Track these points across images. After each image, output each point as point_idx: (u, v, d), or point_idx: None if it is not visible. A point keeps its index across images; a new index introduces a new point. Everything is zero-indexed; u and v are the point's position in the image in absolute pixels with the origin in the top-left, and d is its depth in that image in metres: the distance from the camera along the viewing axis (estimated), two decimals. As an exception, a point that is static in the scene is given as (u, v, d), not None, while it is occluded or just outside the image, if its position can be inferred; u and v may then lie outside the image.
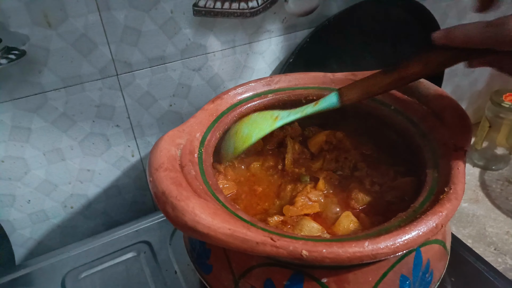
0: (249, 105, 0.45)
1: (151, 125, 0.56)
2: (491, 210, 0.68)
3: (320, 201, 0.40)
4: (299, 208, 0.38)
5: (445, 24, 0.71)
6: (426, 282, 0.33)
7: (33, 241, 0.57)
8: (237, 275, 0.33)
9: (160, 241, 0.52)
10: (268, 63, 0.60)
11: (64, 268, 0.49)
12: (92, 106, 0.51)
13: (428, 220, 0.29)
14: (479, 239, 0.63)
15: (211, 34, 0.53)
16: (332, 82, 0.47)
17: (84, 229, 0.59)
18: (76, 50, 0.47)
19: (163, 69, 0.52)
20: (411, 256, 0.32)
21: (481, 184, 0.74)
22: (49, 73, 0.47)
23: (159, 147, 0.34)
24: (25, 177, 0.51)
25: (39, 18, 0.44)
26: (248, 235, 0.28)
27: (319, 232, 0.36)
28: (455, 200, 0.31)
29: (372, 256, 0.27)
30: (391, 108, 0.44)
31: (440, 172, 0.35)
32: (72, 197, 0.56)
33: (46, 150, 0.51)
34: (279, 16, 0.56)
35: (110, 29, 0.47)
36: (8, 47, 0.43)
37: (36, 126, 0.49)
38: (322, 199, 0.40)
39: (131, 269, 0.49)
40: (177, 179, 0.31)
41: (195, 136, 0.38)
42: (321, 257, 0.27)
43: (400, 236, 0.28)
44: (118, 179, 0.58)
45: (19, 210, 0.53)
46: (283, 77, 0.47)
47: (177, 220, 0.28)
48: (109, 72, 0.50)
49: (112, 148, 0.55)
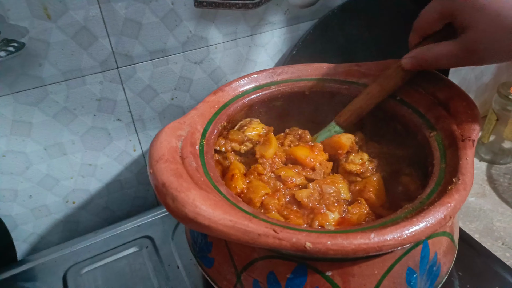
0: (252, 97, 0.44)
1: (153, 119, 0.55)
2: (499, 204, 0.67)
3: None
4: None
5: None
6: (433, 276, 0.32)
7: (35, 236, 0.56)
8: (239, 268, 0.32)
9: (163, 236, 0.52)
10: (271, 56, 0.59)
11: (66, 263, 0.49)
12: (93, 99, 0.50)
13: (436, 211, 0.28)
14: (487, 233, 0.62)
15: (212, 26, 0.52)
16: (336, 73, 0.46)
17: (86, 224, 0.59)
18: (76, 43, 0.46)
19: (164, 62, 0.52)
20: (418, 248, 0.31)
21: (488, 178, 0.73)
22: (50, 66, 0.46)
23: (159, 139, 0.34)
24: (26, 172, 0.51)
25: (38, 11, 0.43)
26: (250, 227, 0.27)
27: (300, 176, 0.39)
28: (464, 191, 0.30)
29: (378, 248, 0.26)
30: (396, 99, 0.43)
31: (448, 162, 0.34)
32: (74, 192, 0.56)
33: (47, 145, 0.51)
34: (282, 8, 0.55)
35: (110, 22, 0.47)
36: (7, 40, 0.43)
37: (37, 120, 0.49)
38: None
39: (134, 264, 0.49)
40: (177, 170, 0.31)
41: (197, 128, 0.38)
42: (325, 249, 0.26)
43: (407, 228, 0.27)
44: (120, 173, 0.57)
45: (21, 205, 0.53)
46: (286, 68, 0.47)
47: (178, 212, 0.28)
48: (109, 65, 0.49)
49: (114, 143, 0.55)
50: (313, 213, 0.36)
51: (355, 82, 0.45)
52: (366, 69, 0.45)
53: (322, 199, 0.37)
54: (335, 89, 0.45)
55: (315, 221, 0.35)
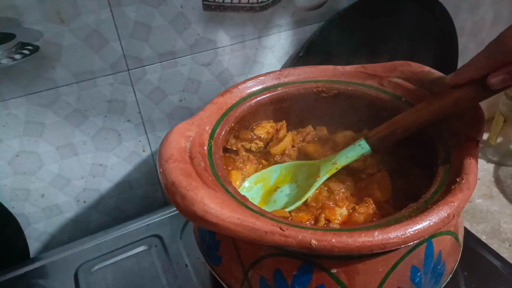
0: (259, 99, 0.45)
1: (162, 120, 0.56)
2: (506, 206, 0.67)
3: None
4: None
5: (458, 17, 0.70)
6: (437, 274, 0.32)
7: (47, 235, 0.58)
8: (246, 266, 0.33)
9: (171, 235, 0.53)
10: (278, 58, 0.60)
11: (77, 261, 0.50)
12: (103, 101, 0.52)
13: (440, 210, 0.29)
14: (494, 235, 0.62)
15: (220, 29, 0.53)
16: (342, 75, 0.47)
17: (96, 223, 0.60)
18: (88, 45, 0.47)
19: (173, 64, 0.53)
20: (422, 246, 0.31)
21: (495, 180, 0.73)
22: (62, 69, 0.47)
23: (168, 139, 0.35)
24: (39, 172, 0.52)
25: (52, 15, 0.44)
26: (257, 225, 0.28)
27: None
28: (467, 190, 0.30)
29: (382, 246, 0.27)
30: (402, 100, 0.43)
31: (452, 163, 0.34)
32: (85, 192, 0.57)
33: (59, 145, 0.52)
34: (288, 10, 0.56)
35: (121, 25, 0.48)
36: (22, 43, 0.44)
37: (49, 121, 0.50)
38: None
39: (143, 262, 0.50)
40: (186, 170, 0.32)
41: (205, 129, 0.39)
42: (330, 246, 0.27)
43: (410, 226, 0.27)
44: (130, 174, 0.59)
45: (34, 204, 0.54)
46: (293, 70, 0.47)
47: (187, 210, 0.29)
48: (120, 67, 0.50)
49: (124, 143, 0.56)
50: (322, 207, 0.37)
51: (361, 83, 0.46)
52: (372, 70, 0.46)
53: (332, 195, 0.38)
54: (342, 90, 0.46)
55: (322, 215, 0.36)
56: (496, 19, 0.76)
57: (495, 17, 0.75)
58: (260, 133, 0.45)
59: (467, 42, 0.75)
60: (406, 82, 0.43)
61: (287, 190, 0.41)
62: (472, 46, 0.77)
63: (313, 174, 0.40)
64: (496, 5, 0.74)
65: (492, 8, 0.74)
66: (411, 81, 0.43)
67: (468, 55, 0.77)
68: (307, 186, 0.39)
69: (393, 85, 0.44)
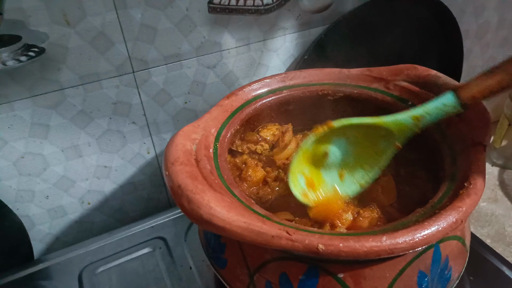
0: (264, 101, 0.45)
1: (167, 122, 0.56)
2: (511, 210, 0.67)
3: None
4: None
5: (463, 21, 0.69)
6: (444, 279, 0.32)
7: (52, 236, 0.58)
8: (252, 269, 0.33)
9: (175, 237, 0.53)
10: (283, 60, 0.60)
11: (82, 263, 0.50)
12: (109, 103, 0.52)
13: (448, 215, 0.28)
14: (498, 238, 0.61)
15: (225, 32, 0.53)
16: (348, 78, 0.47)
17: (100, 225, 0.60)
18: (94, 48, 0.47)
19: (178, 66, 0.53)
20: (429, 252, 0.31)
21: (500, 183, 0.72)
22: (68, 71, 0.47)
23: (174, 142, 0.35)
24: (44, 173, 0.52)
25: (58, 17, 0.44)
26: (264, 228, 0.27)
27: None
28: (475, 195, 0.30)
29: (390, 251, 0.27)
30: (408, 104, 0.43)
31: (459, 167, 0.34)
32: (89, 193, 0.57)
33: (64, 147, 0.52)
34: (294, 13, 0.56)
35: (126, 27, 0.48)
36: (28, 45, 0.44)
37: (54, 123, 0.50)
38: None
39: (147, 264, 0.50)
40: (192, 173, 0.31)
41: (210, 132, 0.39)
42: (337, 251, 0.27)
43: (419, 231, 0.27)
44: (134, 176, 0.59)
45: (38, 205, 0.54)
46: (298, 73, 0.47)
47: (193, 213, 0.29)
48: (125, 69, 0.50)
49: (128, 145, 0.56)
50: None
51: (367, 87, 0.46)
52: (378, 74, 0.46)
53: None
54: (347, 93, 0.46)
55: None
56: (501, 23, 0.76)
57: (499, 21, 0.75)
58: (266, 135, 0.45)
59: (472, 45, 0.75)
60: (412, 86, 0.43)
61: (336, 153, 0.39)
62: (477, 49, 0.76)
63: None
64: (501, 8, 0.74)
65: (496, 12, 0.74)
66: (417, 85, 0.43)
67: (473, 58, 0.77)
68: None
69: (399, 88, 0.44)
